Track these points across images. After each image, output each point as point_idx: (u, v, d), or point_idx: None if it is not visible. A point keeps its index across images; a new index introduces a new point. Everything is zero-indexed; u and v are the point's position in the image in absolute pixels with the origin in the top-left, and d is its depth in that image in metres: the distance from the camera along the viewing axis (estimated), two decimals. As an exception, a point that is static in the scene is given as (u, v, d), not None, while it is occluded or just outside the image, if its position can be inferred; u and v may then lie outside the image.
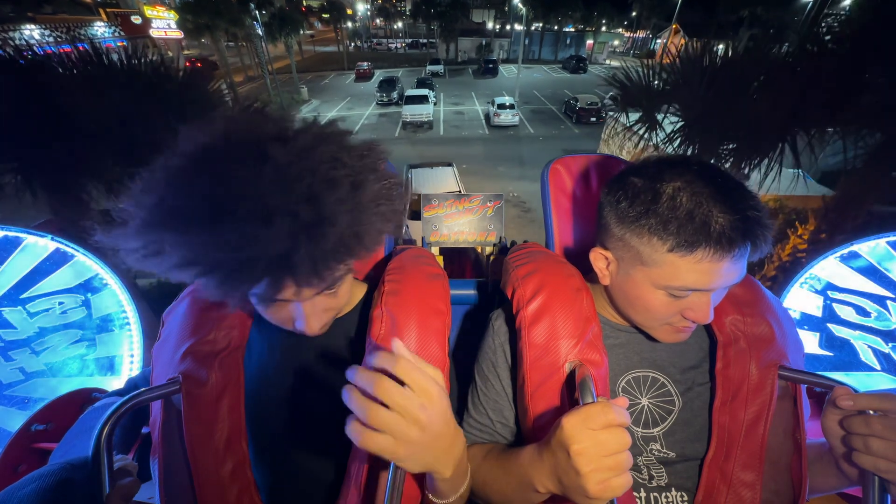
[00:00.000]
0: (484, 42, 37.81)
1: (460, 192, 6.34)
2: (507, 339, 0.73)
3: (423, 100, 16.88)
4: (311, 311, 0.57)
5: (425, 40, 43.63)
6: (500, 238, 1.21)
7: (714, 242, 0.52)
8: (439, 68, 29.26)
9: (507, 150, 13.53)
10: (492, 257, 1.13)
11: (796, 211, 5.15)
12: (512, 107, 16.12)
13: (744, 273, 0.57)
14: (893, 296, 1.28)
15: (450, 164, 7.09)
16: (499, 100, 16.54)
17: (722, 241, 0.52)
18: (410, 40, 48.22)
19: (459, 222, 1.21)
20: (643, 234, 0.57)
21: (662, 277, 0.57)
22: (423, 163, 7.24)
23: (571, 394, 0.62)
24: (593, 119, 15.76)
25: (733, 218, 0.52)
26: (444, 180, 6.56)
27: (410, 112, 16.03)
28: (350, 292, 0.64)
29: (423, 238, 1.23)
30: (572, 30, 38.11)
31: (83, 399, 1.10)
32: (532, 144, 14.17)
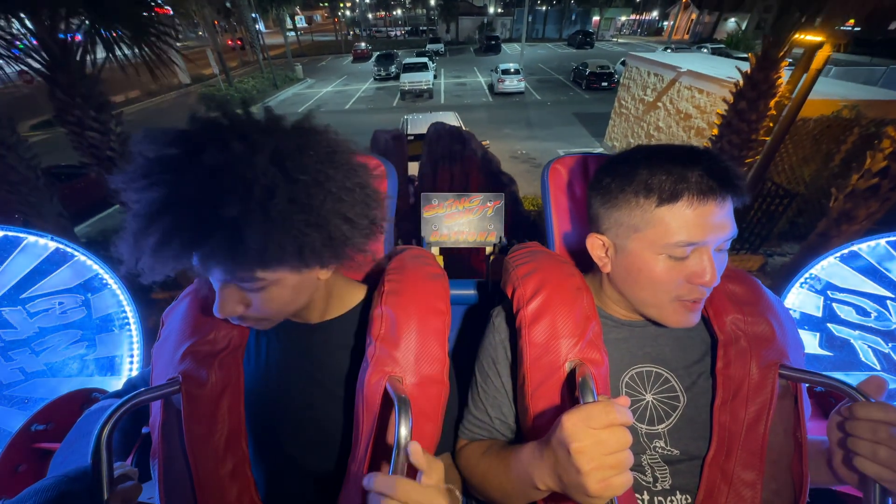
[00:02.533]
0: (485, 20, 37.53)
1: (461, 126, 6.19)
2: (508, 336, 0.73)
3: (422, 67, 16.07)
4: (222, 295, 0.55)
5: (425, 27, 43.31)
6: (500, 238, 1.21)
7: (695, 188, 0.56)
8: (440, 47, 28.14)
9: (513, 114, 13.07)
10: (492, 257, 1.13)
11: (876, 122, 4.26)
12: (517, 73, 15.30)
13: (735, 229, 0.59)
14: (893, 296, 1.28)
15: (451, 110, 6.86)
16: (503, 66, 15.72)
17: (702, 187, 0.56)
18: (410, 27, 48.24)
19: (459, 222, 1.21)
20: (630, 200, 0.61)
21: (658, 237, 0.59)
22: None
23: (572, 393, 0.62)
24: (604, 84, 15.20)
25: (706, 166, 0.57)
26: (445, 121, 6.40)
27: (409, 80, 15.24)
28: (281, 311, 0.61)
29: (422, 238, 1.23)
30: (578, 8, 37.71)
31: (83, 399, 1.10)
32: (539, 109, 13.68)
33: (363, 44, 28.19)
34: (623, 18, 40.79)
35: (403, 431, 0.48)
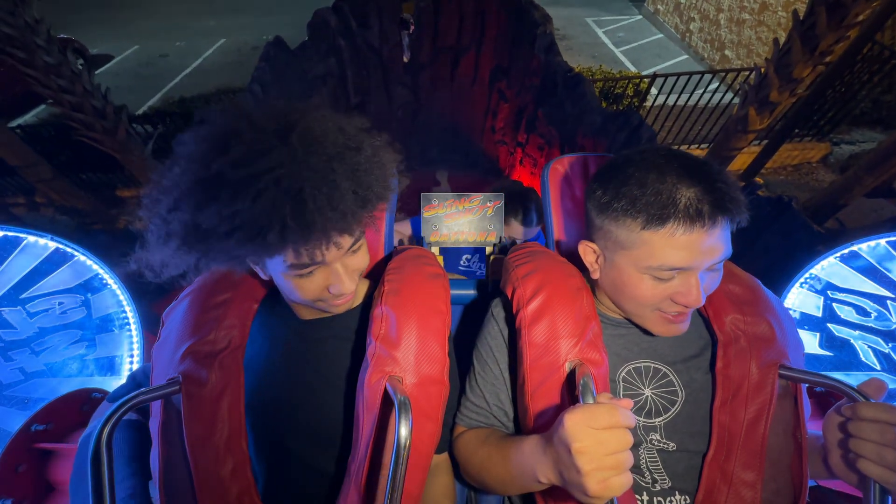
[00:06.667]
0: None
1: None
2: (507, 330, 0.73)
3: None
4: (344, 270, 0.60)
5: None
6: (500, 238, 1.21)
7: (683, 214, 0.54)
8: None
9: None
10: (492, 257, 1.13)
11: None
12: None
13: (728, 250, 0.58)
14: (893, 296, 1.28)
15: None
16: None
17: (690, 212, 0.54)
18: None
19: (459, 222, 1.21)
20: (618, 217, 0.60)
21: (642, 258, 0.59)
22: None
23: (572, 393, 0.62)
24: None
25: (699, 189, 0.55)
26: None
27: None
28: (368, 255, 0.67)
29: (422, 238, 1.23)
30: None
31: (83, 399, 1.10)
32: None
33: None
34: None
35: (403, 431, 0.48)
